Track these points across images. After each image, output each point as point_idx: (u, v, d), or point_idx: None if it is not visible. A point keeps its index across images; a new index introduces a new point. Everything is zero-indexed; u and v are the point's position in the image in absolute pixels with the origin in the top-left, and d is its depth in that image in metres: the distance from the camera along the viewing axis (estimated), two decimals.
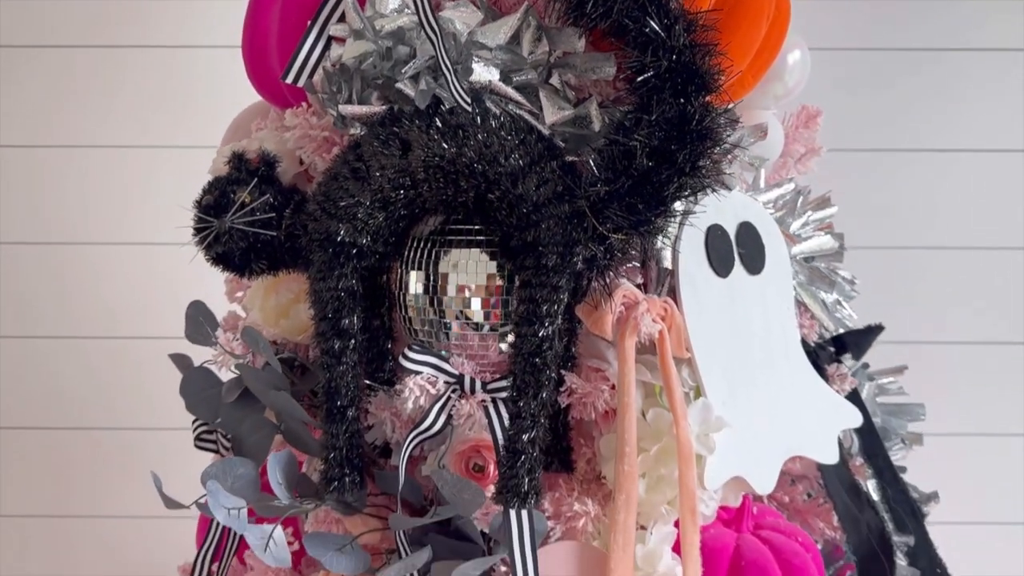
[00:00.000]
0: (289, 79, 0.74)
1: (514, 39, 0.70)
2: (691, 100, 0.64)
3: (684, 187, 0.65)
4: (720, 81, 0.65)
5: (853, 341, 0.87)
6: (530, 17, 0.70)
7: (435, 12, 0.67)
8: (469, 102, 0.68)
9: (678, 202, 0.68)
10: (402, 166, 0.69)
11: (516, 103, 0.69)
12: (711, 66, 0.64)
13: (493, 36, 0.69)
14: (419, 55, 0.69)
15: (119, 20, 1.47)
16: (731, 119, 0.66)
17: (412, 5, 0.68)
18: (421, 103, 0.68)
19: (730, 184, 0.73)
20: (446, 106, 0.68)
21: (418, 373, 0.71)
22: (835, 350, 0.86)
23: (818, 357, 0.83)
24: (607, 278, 0.69)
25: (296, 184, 0.80)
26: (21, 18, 1.47)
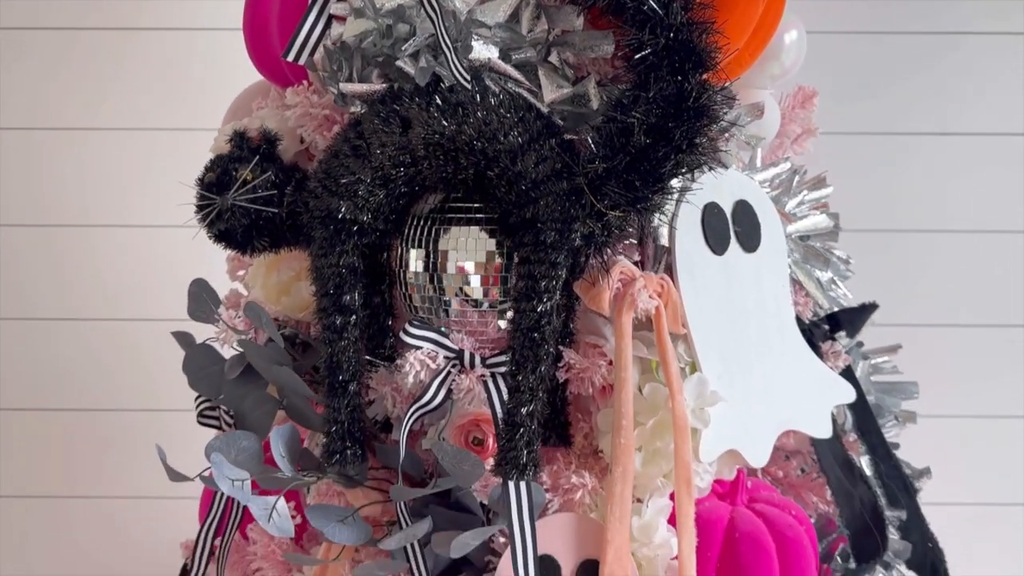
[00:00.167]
0: (290, 57, 0.75)
1: (513, 17, 0.70)
2: (688, 78, 0.65)
3: (681, 164, 0.66)
4: (717, 59, 0.65)
5: (847, 319, 0.88)
6: None
7: None
8: (468, 80, 0.68)
9: (675, 180, 0.69)
10: (402, 143, 0.70)
11: (515, 81, 0.70)
12: (708, 44, 0.65)
13: (492, 14, 0.70)
14: (419, 33, 0.69)
15: (118, 2, 1.47)
16: (728, 97, 0.67)
17: None
18: (421, 81, 0.69)
19: (726, 162, 0.74)
20: (446, 84, 0.69)
21: (418, 348, 0.72)
22: (829, 328, 0.87)
23: (812, 334, 0.84)
24: (605, 255, 0.70)
25: (297, 162, 0.80)
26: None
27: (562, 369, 0.73)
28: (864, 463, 0.87)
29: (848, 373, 0.85)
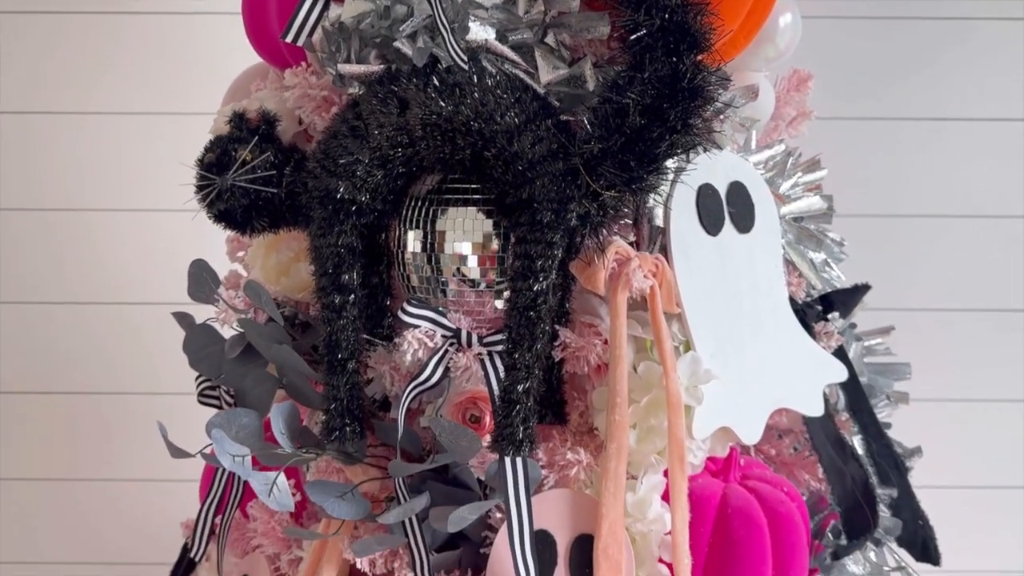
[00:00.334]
0: (289, 38, 0.75)
1: None
2: (683, 58, 0.65)
3: (676, 145, 0.67)
4: (711, 40, 0.66)
5: (840, 299, 0.89)
6: None
7: None
8: (466, 61, 0.69)
9: (670, 160, 0.70)
10: (400, 124, 0.71)
11: (512, 62, 0.71)
12: (703, 25, 0.66)
13: None
14: (416, 14, 0.70)
15: None
16: (722, 78, 0.68)
17: None
18: (418, 61, 0.69)
19: (721, 143, 0.75)
20: (443, 65, 0.70)
21: (416, 327, 0.73)
22: (822, 308, 0.88)
23: (805, 315, 0.85)
24: (600, 235, 0.71)
25: (296, 143, 0.81)
26: None
27: (558, 348, 0.74)
28: (856, 442, 0.88)
29: (840, 353, 0.86)
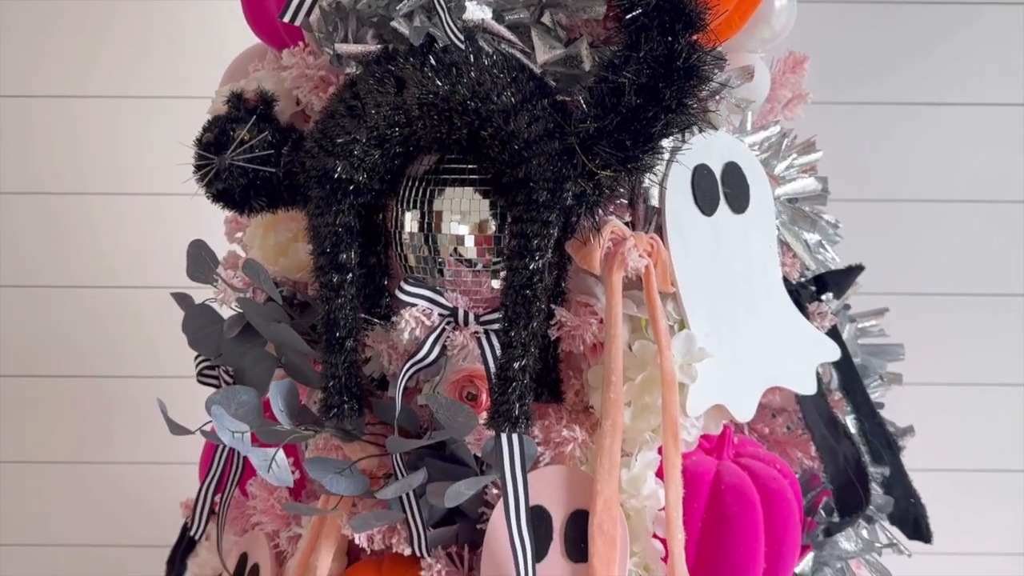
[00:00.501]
0: (286, 18, 0.75)
1: None
2: (678, 38, 0.66)
3: (671, 124, 0.67)
4: (707, 20, 0.66)
5: (834, 280, 0.90)
6: None
7: None
8: (462, 40, 0.69)
9: (665, 140, 0.70)
10: (397, 103, 0.71)
11: (508, 42, 0.71)
12: (698, 5, 0.66)
13: None
14: None
15: None
16: (717, 58, 0.68)
17: None
18: (415, 41, 0.70)
19: (716, 123, 0.75)
20: (440, 44, 0.70)
21: (414, 305, 0.74)
22: (816, 289, 0.89)
23: (799, 295, 0.85)
24: (596, 215, 0.72)
25: (293, 123, 0.81)
26: None
27: (554, 327, 0.75)
28: (848, 421, 0.89)
29: (834, 333, 0.87)
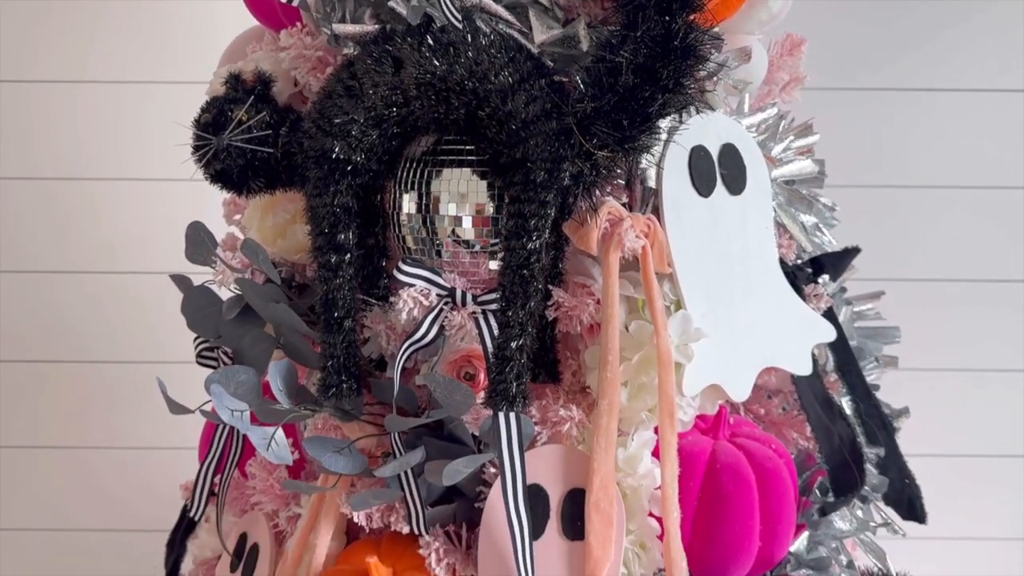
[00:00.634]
0: None
1: None
2: (676, 18, 0.66)
3: (668, 104, 0.68)
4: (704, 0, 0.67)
5: (830, 262, 0.90)
6: None
7: None
8: (460, 20, 0.69)
9: (663, 120, 0.70)
10: (395, 83, 0.71)
11: (506, 22, 0.71)
12: None
13: None
14: None
15: None
16: (714, 38, 0.68)
17: None
18: (413, 20, 0.70)
19: (713, 104, 0.75)
20: (437, 24, 0.70)
21: (412, 286, 0.74)
22: (812, 271, 0.89)
23: (796, 277, 0.86)
24: (593, 195, 0.72)
25: (291, 104, 0.81)
26: None
27: (551, 308, 0.75)
28: (844, 402, 0.89)
29: (830, 316, 0.87)
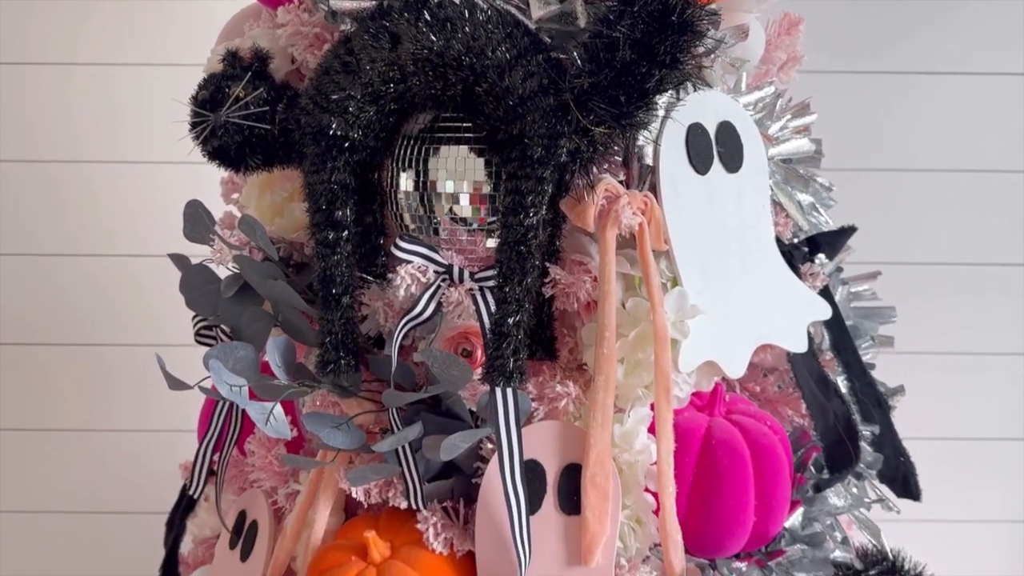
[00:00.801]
0: None
1: None
2: None
3: (665, 80, 0.68)
4: None
5: (827, 241, 0.90)
6: None
7: None
8: None
9: (660, 98, 0.70)
10: (392, 59, 0.71)
11: None
12: None
13: None
14: None
15: None
16: (711, 13, 0.68)
17: None
18: None
19: (710, 80, 0.75)
20: (434, 0, 0.70)
21: (409, 262, 0.75)
22: (808, 250, 0.90)
23: (792, 256, 0.86)
24: (590, 172, 0.72)
25: (288, 81, 0.81)
26: None
27: (549, 285, 0.75)
28: (839, 380, 0.90)
29: (826, 295, 0.88)
